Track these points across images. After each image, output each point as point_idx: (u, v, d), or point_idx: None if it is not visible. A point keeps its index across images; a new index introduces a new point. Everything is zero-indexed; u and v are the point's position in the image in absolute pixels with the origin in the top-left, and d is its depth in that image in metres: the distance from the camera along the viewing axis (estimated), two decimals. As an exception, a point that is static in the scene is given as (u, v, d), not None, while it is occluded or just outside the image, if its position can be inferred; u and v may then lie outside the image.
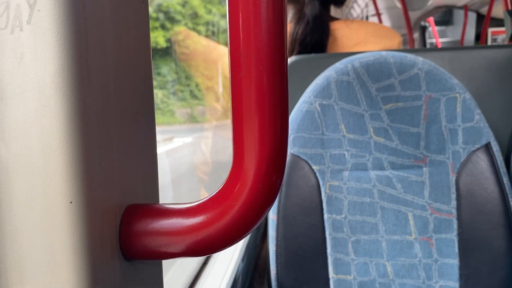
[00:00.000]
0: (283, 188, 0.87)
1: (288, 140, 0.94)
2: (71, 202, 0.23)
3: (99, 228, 0.25)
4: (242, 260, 1.05)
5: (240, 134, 0.26)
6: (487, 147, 0.86)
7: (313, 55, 1.07)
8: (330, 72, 0.88)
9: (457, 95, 0.86)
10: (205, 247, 0.28)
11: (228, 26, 0.25)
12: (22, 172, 0.23)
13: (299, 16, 1.25)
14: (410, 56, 0.87)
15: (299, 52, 1.23)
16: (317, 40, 1.21)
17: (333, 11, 1.43)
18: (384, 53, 0.88)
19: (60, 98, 0.23)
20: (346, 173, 0.88)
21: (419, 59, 0.87)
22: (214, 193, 0.28)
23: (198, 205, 0.28)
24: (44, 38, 0.22)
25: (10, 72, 0.23)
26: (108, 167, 0.26)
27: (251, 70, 0.25)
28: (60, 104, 0.23)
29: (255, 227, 0.28)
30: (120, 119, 0.27)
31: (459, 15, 4.50)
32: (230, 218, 0.27)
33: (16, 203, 0.24)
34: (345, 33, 1.26)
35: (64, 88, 0.23)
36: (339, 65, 0.88)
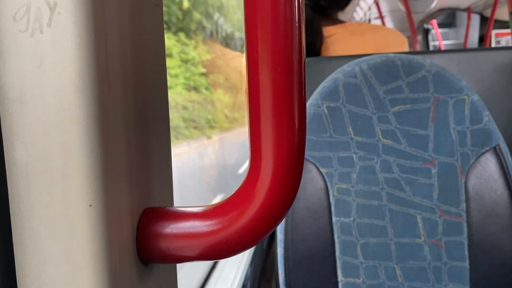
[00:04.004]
0: None
1: None
2: (90, 205, 0.23)
3: (117, 231, 0.25)
4: (250, 264, 1.05)
5: (257, 136, 0.26)
6: (496, 149, 0.85)
7: (320, 57, 1.07)
8: (337, 75, 0.88)
9: (465, 97, 0.86)
10: (222, 250, 0.28)
11: (245, 27, 0.25)
12: (41, 175, 0.23)
13: None
14: (417, 58, 0.87)
15: None
16: (308, 43, 1.22)
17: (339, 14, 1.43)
18: (391, 55, 0.88)
19: (79, 101, 0.22)
20: (354, 176, 0.87)
21: (426, 61, 0.87)
22: (231, 196, 0.28)
23: (215, 208, 0.28)
24: (64, 41, 0.22)
25: (30, 75, 0.22)
26: (126, 170, 0.26)
27: (268, 72, 0.25)
28: (80, 107, 0.23)
29: (273, 229, 0.28)
30: (138, 123, 0.27)
31: (462, 17, 4.49)
32: (247, 221, 0.27)
33: (36, 206, 0.23)
34: (349, 36, 1.25)
35: (84, 91, 0.22)
36: (347, 67, 0.88)
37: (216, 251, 0.28)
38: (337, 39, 1.23)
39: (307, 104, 0.90)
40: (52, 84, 0.22)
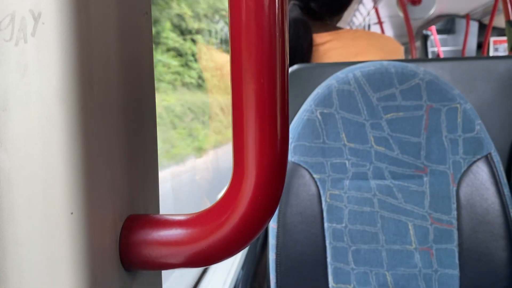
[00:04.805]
0: (284, 196, 0.87)
1: (289, 148, 0.94)
2: (71, 213, 0.23)
3: (99, 239, 0.25)
4: (242, 268, 1.05)
5: (240, 145, 0.26)
6: (488, 158, 0.86)
7: (314, 64, 1.08)
8: (331, 81, 0.89)
9: (458, 105, 0.86)
10: (204, 258, 0.28)
11: (230, 38, 0.26)
12: (23, 182, 0.23)
13: None
14: (411, 66, 0.88)
15: None
16: (295, 45, 1.20)
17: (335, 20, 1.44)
18: (385, 62, 0.88)
19: (63, 110, 0.23)
20: (346, 182, 0.88)
21: (420, 69, 0.88)
22: (214, 204, 0.28)
23: (198, 216, 0.28)
24: (48, 50, 0.22)
25: (14, 84, 0.23)
26: (110, 178, 0.26)
27: (252, 83, 0.25)
28: (63, 116, 0.23)
29: (255, 238, 0.28)
30: (122, 131, 0.28)
31: (461, 24, 4.51)
32: (230, 229, 0.27)
33: (17, 213, 0.24)
34: (344, 44, 1.25)
35: (67, 100, 0.23)
36: (341, 74, 0.89)
37: (199, 259, 0.28)
38: (331, 46, 1.23)
39: (301, 110, 0.90)
40: (36, 93, 0.23)
